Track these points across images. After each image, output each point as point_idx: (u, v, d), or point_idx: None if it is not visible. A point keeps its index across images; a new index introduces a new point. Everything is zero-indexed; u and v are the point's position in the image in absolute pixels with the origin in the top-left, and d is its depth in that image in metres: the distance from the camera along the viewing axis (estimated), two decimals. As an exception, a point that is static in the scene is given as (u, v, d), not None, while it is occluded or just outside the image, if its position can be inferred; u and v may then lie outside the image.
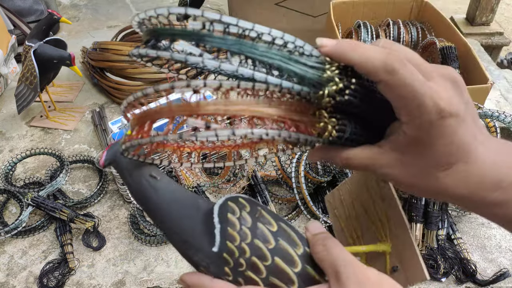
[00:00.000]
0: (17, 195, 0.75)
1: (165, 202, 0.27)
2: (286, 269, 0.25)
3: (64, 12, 1.46)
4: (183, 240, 0.27)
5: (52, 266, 0.66)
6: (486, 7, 1.42)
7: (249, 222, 0.26)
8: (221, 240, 0.26)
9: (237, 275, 0.25)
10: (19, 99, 0.89)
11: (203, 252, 0.26)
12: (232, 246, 0.25)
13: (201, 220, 0.27)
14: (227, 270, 0.25)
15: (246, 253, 0.25)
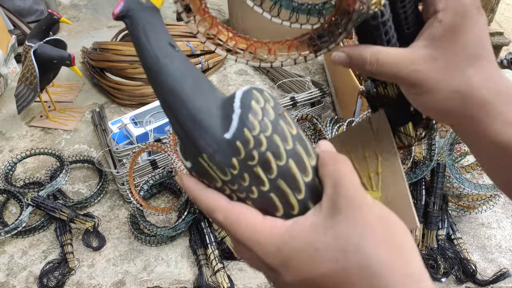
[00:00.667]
0: (17, 195, 0.75)
1: (180, 74, 0.23)
2: (298, 175, 0.23)
3: (64, 12, 1.46)
4: (193, 117, 0.23)
5: (52, 266, 0.66)
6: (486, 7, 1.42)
7: (271, 115, 0.23)
8: (238, 126, 0.23)
9: (245, 169, 0.23)
10: (19, 99, 0.89)
11: (213, 136, 0.23)
12: (249, 135, 0.22)
13: (218, 104, 0.24)
14: (234, 161, 0.23)
15: (263, 146, 0.23)
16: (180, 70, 0.23)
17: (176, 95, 0.23)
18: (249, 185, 0.23)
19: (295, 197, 0.23)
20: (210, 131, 0.23)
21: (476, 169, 0.72)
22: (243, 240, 0.23)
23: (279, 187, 0.23)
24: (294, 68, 1.13)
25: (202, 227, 0.68)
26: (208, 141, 0.23)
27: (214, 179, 0.23)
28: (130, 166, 0.71)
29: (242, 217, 0.23)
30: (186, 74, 0.24)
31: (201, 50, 1.04)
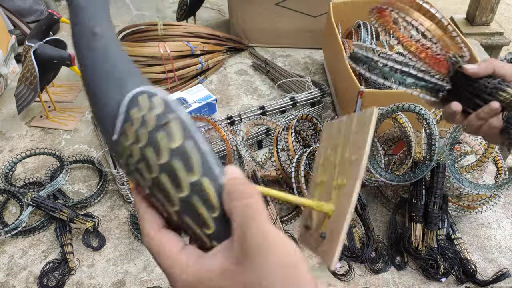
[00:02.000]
0: (17, 195, 0.75)
1: (95, 67, 0.25)
2: (171, 190, 0.24)
3: (64, 12, 1.46)
4: (100, 116, 0.25)
5: (52, 266, 0.66)
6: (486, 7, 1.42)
7: (150, 126, 0.24)
8: (119, 131, 0.25)
9: (129, 174, 0.25)
10: (19, 99, 0.89)
11: (107, 136, 0.25)
12: (125, 143, 0.24)
13: (117, 102, 0.25)
14: (121, 161, 0.25)
15: (134, 157, 0.24)
16: (94, 63, 0.25)
17: (90, 91, 0.25)
18: (143, 177, 0.25)
19: (172, 208, 0.24)
20: (107, 131, 0.25)
21: (476, 169, 0.72)
22: (163, 269, 0.24)
23: (158, 188, 0.24)
24: (294, 68, 1.13)
25: (202, 227, 0.68)
26: (107, 138, 0.25)
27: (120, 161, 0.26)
28: (130, 166, 0.71)
29: (161, 249, 0.24)
30: (100, 68, 0.25)
31: (201, 50, 1.05)
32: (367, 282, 0.64)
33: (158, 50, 0.96)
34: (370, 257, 0.67)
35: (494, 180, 0.74)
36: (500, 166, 0.72)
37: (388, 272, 0.66)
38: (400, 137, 0.77)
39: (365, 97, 0.74)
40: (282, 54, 1.19)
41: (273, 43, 1.21)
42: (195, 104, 0.86)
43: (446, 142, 0.69)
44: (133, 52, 0.96)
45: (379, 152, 0.74)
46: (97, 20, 0.26)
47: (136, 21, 1.40)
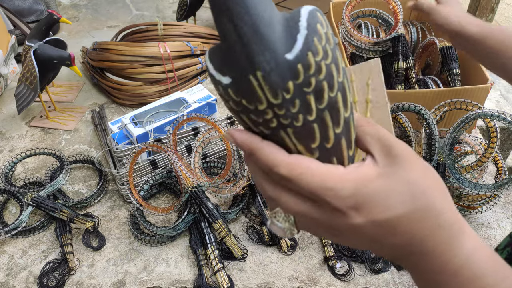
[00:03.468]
0: (17, 195, 0.75)
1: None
2: (341, 109, 0.23)
3: (64, 12, 1.46)
4: (256, 29, 0.20)
5: (52, 266, 0.66)
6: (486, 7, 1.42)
7: (332, 43, 0.22)
8: (302, 48, 0.21)
9: (298, 95, 0.21)
10: (19, 99, 0.89)
11: (273, 54, 0.20)
12: (312, 60, 0.21)
13: (279, 20, 0.21)
14: (290, 85, 0.21)
15: (322, 73, 0.21)
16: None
17: (238, 4, 0.20)
18: (297, 112, 0.22)
19: (334, 130, 0.23)
20: (271, 47, 0.21)
21: (476, 169, 0.72)
22: (312, 189, 0.23)
23: (323, 119, 0.23)
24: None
25: (202, 227, 0.68)
26: (267, 58, 0.21)
27: (258, 100, 0.21)
28: (130, 166, 0.71)
29: (307, 169, 0.23)
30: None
31: (201, 50, 1.04)
32: (367, 282, 0.64)
33: (158, 50, 0.96)
34: (370, 257, 0.67)
35: (494, 180, 0.74)
36: (500, 166, 0.72)
37: (388, 272, 0.66)
38: (400, 137, 0.77)
39: (365, 97, 0.74)
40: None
41: (273, 43, 1.21)
42: (195, 104, 0.86)
43: (446, 142, 0.69)
44: (133, 52, 0.96)
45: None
46: None
47: (136, 21, 1.40)
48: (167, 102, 0.87)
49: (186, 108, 0.85)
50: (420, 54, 0.95)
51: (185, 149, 0.77)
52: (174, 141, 0.74)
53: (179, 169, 0.71)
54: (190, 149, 0.77)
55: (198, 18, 1.34)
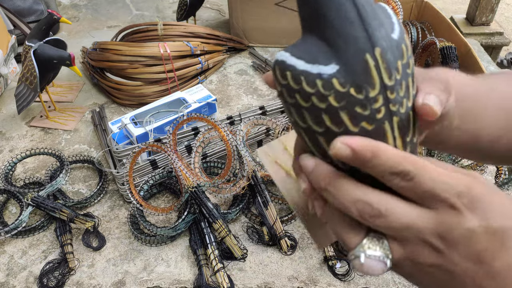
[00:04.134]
0: (17, 195, 0.75)
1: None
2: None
3: (64, 12, 1.46)
4: (371, 5, 0.20)
5: (52, 266, 0.66)
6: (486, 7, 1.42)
7: None
8: (401, 30, 0.21)
9: (404, 76, 0.20)
10: (19, 99, 0.89)
11: (386, 31, 0.20)
12: (408, 42, 0.21)
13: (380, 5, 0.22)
14: (399, 64, 0.20)
15: (413, 58, 0.22)
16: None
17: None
18: (403, 97, 0.21)
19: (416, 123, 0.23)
20: (383, 24, 0.20)
21: (476, 169, 0.72)
22: (428, 185, 0.21)
23: (413, 107, 0.22)
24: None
25: (202, 227, 0.68)
26: (383, 34, 0.20)
27: (371, 84, 0.20)
28: (130, 166, 0.71)
29: (423, 165, 0.21)
30: None
31: (201, 50, 1.05)
32: (367, 282, 0.64)
33: (158, 50, 0.96)
34: (370, 257, 0.67)
35: (494, 180, 0.74)
36: (500, 166, 0.72)
37: (388, 272, 0.66)
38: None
39: (365, 97, 0.74)
40: (282, 54, 1.19)
41: (273, 43, 1.21)
42: (195, 104, 0.86)
43: (446, 142, 0.69)
44: (133, 52, 0.96)
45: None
46: None
47: (136, 21, 1.40)
48: (167, 102, 0.87)
49: (186, 108, 0.85)
50: (420, 54, 0.95)
51: (185, 149, 0.77)
52: (174, 141, 0.74)
53: (179, 169, 0.71)
54: (190, 149, 0.77)
55: (198, 18, 1.34)
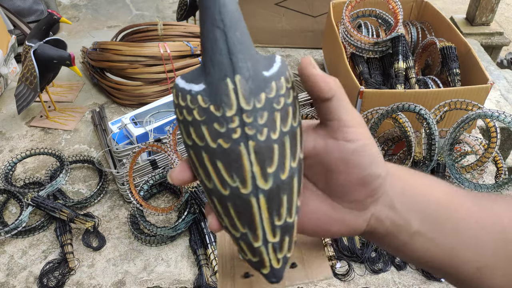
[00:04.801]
0: (17, 195, 0.75)
1: (239, 12, 0.24)
2: (298, 144, 0.25)
3: (64, 12, 1.46)
4: (243, 40, 0.23)
5: (52, 266, 0.66)
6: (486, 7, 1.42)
7: (295, 89, 0.26)
8: (277, 71, 0.24)
9: (268, 108, 0.23)
10: (19, 99, 0.89)
11: (254, 66, 0.23)
12: (284, 83, 0.24)
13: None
14: (262, 95, 0.23)
15: (289, 99, 0.24)
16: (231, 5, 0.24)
17: (235, 14, 0.23)
18: (263, 125, 0.23)
19: (290, 162, 0.24)
20: (253, 61, 0.23)
21: (476, 169, 0.72)
22: None
23: (284, 143, 0.23)
24: (294, 68, 1.13)
25: (202, 227, 0.68)
26: (248, 66, 0.23)
27: (228, 105, 0.22)
28: (130, 166, 0.71)
29: None
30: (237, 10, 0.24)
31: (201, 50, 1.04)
32: (367, 282, 0.64)
33: (158, 50, 0.96)
34: (370, 257, 0.67)
35: (494, 180, 0.74)
36: (500, 166, 0.72)
37: (388, 272, 0.66)
38: (400, 137, 0.77)
39: (365, 97, 0.74)
40: (282, 54, 1.19)
41: (273, 43, 1.21)
42: (195, 104, 0.86)
43: (446, 142, 0.69)
44: (133, 52, 0.96)
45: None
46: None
47: (136, 21, 1.40)
48: (167, 102, 0.87)
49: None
50: (420, 54, 0.95)
51: (184, 149, 0.77)
52: (174, 141, 0.74)
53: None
54: (190, 149, 0.77)
55: (198, 18, 1.34)
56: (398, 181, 0.27)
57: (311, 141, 0.26)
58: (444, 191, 0.28)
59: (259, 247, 0.23)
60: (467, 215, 0.27)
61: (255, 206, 0.23)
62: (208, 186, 0.23)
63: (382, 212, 0.26)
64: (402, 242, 0.27)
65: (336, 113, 0.25)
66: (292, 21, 1.15)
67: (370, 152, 0.25)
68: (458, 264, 0.27)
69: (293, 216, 0.24)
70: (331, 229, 0.27)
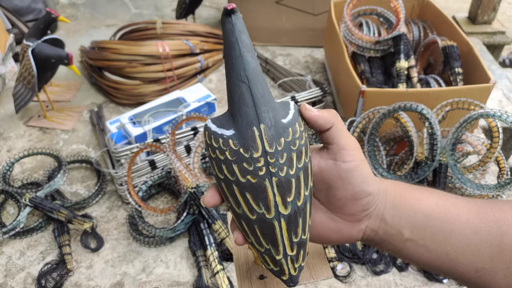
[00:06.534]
0: (15, 196, 0.74)
1: (257, 65, 0.29)
2: (309, 176, 0.29)
3: (62, 10, 1.45)
4: (264, 94, 0.28)
5: (50, 267, 0.65)
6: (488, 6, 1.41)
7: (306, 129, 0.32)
8: (292, 118, 0.29)
9: (287, 150, 0.28)
10: (17, 98, 0.88)
11: (274, 116, 0.28)
12: (298, 128, 0.29)
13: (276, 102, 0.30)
14: (282, 140, 0.28)
15: (302, 140, 0.29)
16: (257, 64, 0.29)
17: (256, 70, 0.28)
18: (283, 164, 0.28)
19: (304, 191, 0.29)
20: (273, 111, 0.28)
21: (478, 169, 0.71)
22: None
23: (299, 176, 0.28)
24: (295, 67, 1.12)
25: (202, 228, 0.68)
26: (270, 116, 0.28)
27: (255, 148, 0.28)
28: (128, 166, 0.70)
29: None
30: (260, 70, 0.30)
31: (200, 48, 1.04)
32: (369, 284, 0.64)
33: (157, 49, 0.96)
34: (371, 258, 0.66)
35: (496, 181, 0.73)
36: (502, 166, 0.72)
37: (389, 273, 0.65)
38: (402, 137, 0.77)
39: (366, 96, 0.73)
40: (282, 53, 1.18)
41: (274, 41, 1.20)
42: (194, 103, 0.86)
43: (448, 142, 0.68)
44: (131, 51, 0.95)
45: (380, 152, 0.74)
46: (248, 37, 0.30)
47: (134, 19, 1.39)
48: (166, 102, 0.86)
49: (185, 107, 0.84)
50: (422, 53, 0.94)
51: (184, 149, 0.76)
52: (173, 141, 0.73)
53: (178, 170, 0.70)
54: (189, 149, 0.77)
55: (197, 16, 1.33)
56: (390, 196, 0.31)
57: (315, 162, 0.30)
58: (436, 203, 0.31)
59: (280, 259, 0.28)
60: (461, 223, 0.30)
61: (277, 228, 0.28)
62: (237, 211, 0.28)
63: (375, 224, 0.31)
64: (397, 248, 0.31)
65: (335, 138, 0.30)
66: (293, 19, 1.14)
67: (361, 172, 0.29)
68: (456, 267, 0.30)
69: (306, 233, 0.29)
70: (331, 238, 0.31)
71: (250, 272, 0.34)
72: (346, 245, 0.68)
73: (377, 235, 0.31)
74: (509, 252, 0.29)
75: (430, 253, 0.30)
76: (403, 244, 0.31)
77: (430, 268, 0.32)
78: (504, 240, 0.29)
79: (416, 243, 0.30)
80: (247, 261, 0.35)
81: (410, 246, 0.31)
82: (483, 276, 0.30)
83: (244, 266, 0.35)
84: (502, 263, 0.29)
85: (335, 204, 0.30)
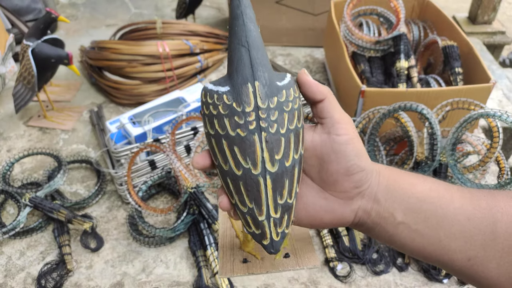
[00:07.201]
0: (14, 196, 0.74)
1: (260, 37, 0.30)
2: (301, 142, 0.30)
3: (62, 10, 1.45)
4: (262, 58, 0.29)
5: (50, 267, 0.65)
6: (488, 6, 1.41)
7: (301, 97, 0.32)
8: (288, 83, 0.30)
9: (279, 109, 0.29)
10: (17, 98, 0.88)
11: (270, 77, 0.29)
12: (292, 92, 0.29)
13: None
14: (275, 98, 0.29)
15: (296, 104, 0.30)
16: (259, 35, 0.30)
17: (257, 39, 0.29)
18: (274, 121, 0.28)
19: (293, 154, 0.29)
20: (269, 72, 0.29)
21: (479, 169, 0.71)
22: None
23: (289, 138, 0.28)
24: (295, 67, 1.12)
25: (201, 228, 0.67)
26: (266, 76, 0.29)
27: (248, 103, 0.28)
28: (128, 166, 0.70)
29: None
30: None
31: (200, 48, 1.04)
32: (369, 284, 0.64)
33: (157, 48, 0.96)
34: (371, 258, 0.66)
35: (496, 181, 0.73)
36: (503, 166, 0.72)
37: (389, 273, 0.65)
38: (402, 137, 0.77)
39: (366, 96, 0.73)
40: (282, 52, 1.18)
41: (274, 41, 1.20)
42: (194, 103, 0.86)
43: (448, 142, 0.68)
44: (131, 51, 0.95)
45: (380, 152, 0.74)
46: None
47: (134, 19, 1.39)
48: (166, 102, 0.86)
49: (185, 107, 0.84)
50: (422, 53, 0.94)
51: (184, 149, 0.76)
52: (173, 141, 0.73)
53: (178, 170, 0.70)
54: (189, 149, 0.77)
55: (197, 16, 1.33)
56: (383, 178, 0.31)
57: (309, 137, 0.30)
58: (429, 188, 0.30)
59: (263, 221, 0.27)
60: (454, 209, 0.30)
61: (262, 185, 0.27)
62: (224, 168, 0.28)
63: (368, 205, 0.30)
64: (389, 233, 0.31)
65: (329, 112, 0.30)
66: (293, 19, 1.14)
67: (355, 146, 0.29)
68: (448, 254, 0.30)
69: (292, 198, 0.28)
70: (324, 219, 0.31)
71: (234, 257, 0.34)
72: (346, 244, 0.68)
73: (369, 218, 0.31)
74: (502, 241, 0.28)
75: (423, 238, 0.30)
76: (395, 228, 0.30)
77: (422, 256, 0.31)
78: (497, 228, 0.29)
79: (409, 227, 0.30)
80: (232, 246, 0.36)
81: (402, 231, 0.30)
82: (475, 266, 0.29)
83: (228, 251, 0.35)
84: (495, 251, 0.29)
85: (328, 180, 0.30)
